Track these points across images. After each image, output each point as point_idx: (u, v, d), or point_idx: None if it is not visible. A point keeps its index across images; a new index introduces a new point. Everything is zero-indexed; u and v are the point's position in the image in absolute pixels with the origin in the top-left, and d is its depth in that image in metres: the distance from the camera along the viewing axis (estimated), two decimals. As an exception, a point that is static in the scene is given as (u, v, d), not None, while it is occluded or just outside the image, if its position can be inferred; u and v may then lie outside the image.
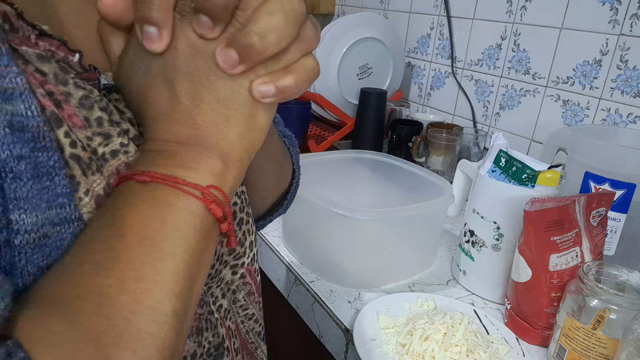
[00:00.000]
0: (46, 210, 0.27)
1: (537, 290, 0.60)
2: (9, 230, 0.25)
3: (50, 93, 0.28)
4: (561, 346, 0.55)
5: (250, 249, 0.43)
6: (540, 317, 0.60)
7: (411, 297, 0.66)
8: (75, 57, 0.30)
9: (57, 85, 0.29)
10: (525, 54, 1.07)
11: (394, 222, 0.73)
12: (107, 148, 0.31)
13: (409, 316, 0.63)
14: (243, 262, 0.42)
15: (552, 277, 0.59)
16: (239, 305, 0.44)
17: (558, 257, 0.58)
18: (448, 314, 0.61)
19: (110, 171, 0.31)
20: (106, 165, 0.31)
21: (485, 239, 0.68)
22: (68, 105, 0.29)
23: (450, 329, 0.57)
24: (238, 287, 0.43)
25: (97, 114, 0.31)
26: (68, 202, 0.28)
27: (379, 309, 0.64)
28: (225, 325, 0.42)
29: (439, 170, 1.05)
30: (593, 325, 0.52)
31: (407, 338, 0.57)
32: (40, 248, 0.26)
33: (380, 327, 0.61)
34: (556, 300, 0.59)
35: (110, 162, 0.31)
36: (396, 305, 0.65)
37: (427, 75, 1.37)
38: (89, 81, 0.31)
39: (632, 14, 0.86)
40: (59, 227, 0.27)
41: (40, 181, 0.26)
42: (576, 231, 0.58)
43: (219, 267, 0.40)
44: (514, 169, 0.64)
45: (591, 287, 0.53)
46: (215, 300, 0.41)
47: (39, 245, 0.26)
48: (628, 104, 0.89)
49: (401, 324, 0.61)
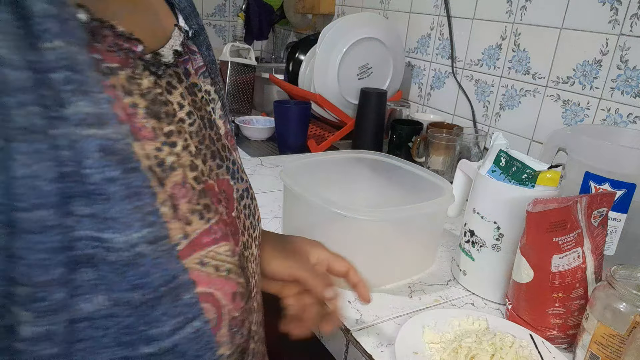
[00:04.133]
0: (140, 229, 0.28)
1: (539, 291, 0.60)
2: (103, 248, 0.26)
3: (123, 108, 0.29)
4: (593, 354, 0.54)
5: (259, 222, 0.45)
6: (542, 318, 0.60)
7: (461, 314, 0.64)
8: (139, 48, 0.31)
9: (124, 98, 0.30)
10: (525, 54, 1.07)
11: (394, 222, 0.73)
12: (173, 157, 0.32)
13: (457, 333, 0.60)
14: (257, 234, 0.45)
15: (554, 278, 0.58)
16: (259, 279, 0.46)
17: (560, 258, 0.58)
18: (498, 335, 0.58)
19: (174, 182, 0.32)
20: (171, 175, 0.32)
21: (485, 239, 0.68)
22: (136, 117, 0.30)
23: (499, 351, 0.55)
24: (258, 259, 0.45)
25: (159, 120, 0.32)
26: (157, 220, 0.29)
27: (425, 322, 0.61)
28: (257, 299, 0.44)
29: (439, 170, 1.05)
30: (629, 332, 0.50)
31: (451, 355, 0.55)
32: (135, 266, 0.27)
33: (424, 341, 0.58)
34: (558, 301, 0.59)
35: (177, 170, 0.32)
36: (444, 320, 0.62)
37: (427, 75, 1.37)
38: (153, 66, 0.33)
39: (632, 14, 0.86)
40: (153, 245, 0.29)
41: (130, 201, 0.27)
42: (578, 232, 0.58)
43: (250, 240, 0.42)
44: (514, 169, 0.64)
45: (622, 292, 0.51)
46: (254, 274, 0.42)
47: (134, 264, 0.27)
48: (628, 104, 0.89)
49: (447, 340, 0.58)
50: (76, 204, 0.25)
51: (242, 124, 1.36)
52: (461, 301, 0.69)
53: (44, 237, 0.24)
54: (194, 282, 0.31)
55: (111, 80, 0.29)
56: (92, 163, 0.26)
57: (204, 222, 0.33)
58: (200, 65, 0.41)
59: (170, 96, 0.35)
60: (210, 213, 0.34)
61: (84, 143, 0.25)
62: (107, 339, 0.27)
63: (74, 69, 0.25)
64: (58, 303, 0.25)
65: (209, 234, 0.34)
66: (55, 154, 0.24)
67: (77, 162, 0.25)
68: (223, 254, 0.35)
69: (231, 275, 0.35)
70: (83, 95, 0.25)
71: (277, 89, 1.48)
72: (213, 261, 0.33)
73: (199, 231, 0.32)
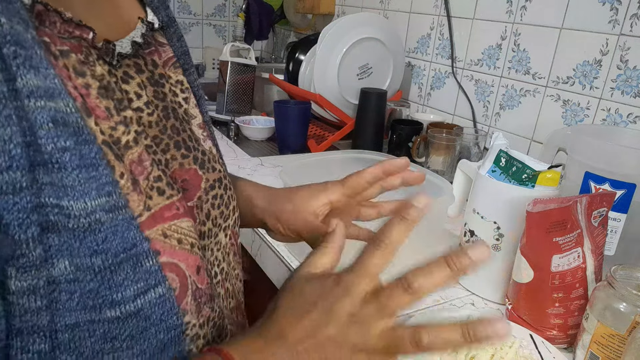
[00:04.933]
0: (96, 197, 0.29)
1: (539, 292, 0.60)
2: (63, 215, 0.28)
3: (75, 87, 0.31)
4: (593, 354, 0.54)
5: (234, 213, 0.46)
6: (542, 318, 0.60)
7: (461, 314, 0.64)
8: (90, 35, 0.33)
9: (77, 79, 0.32)
10: (525, 54, 1.07)
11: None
12: (129, 136, 0.34)
13: None
14: (229, 224, 0.45)
15: (554, 278, 0.58)
16: (231, 267, 0.46)
17: (560, 258, 0.58)
18: None
19: (131, 159, 0.34)
20: (128, 153, 0.34)
21: (485, 239, 0.68)
22: (89, 98, 0.32)
23: (499, 351, 0.55)
24: (229, 249, 0.46)
25: (112, 104, 0.34)
26: (114, 190, 0.30)
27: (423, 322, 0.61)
28: (225, 286, 0.44)
29: (439, 170, 1.05)
30: (629, 332, 0.50)
31: (451, 355, 0.55)
32: (94, 233, 0.29)
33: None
34: (558, 301, 0.59)
35: (133, 149, 0.34)
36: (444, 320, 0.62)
37: (427, 75, 1.37)
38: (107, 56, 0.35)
39: (632, 14, 0.86)
40: (111, 214, 0.30)
41: (86, 171, 0.29)
42: (578, 232, 0.58)
43: (215, 229, 0.42)
44: (514, 169, 0.64)
45: (623, 293, 0.51)
46: (219, 263, 0.43)
47: (92, 230, 0.29)
48: (628, 104, 0.89)
49: None
50: (38, 172, 0.27)
51: (242, 124, 1.36)
52: (461, 301, 0.69)
53: (17, 198, 0.26)
54: (158, 251, 0.33)
55: (62, 61, 0.31)
56: (45, 133, 0.27)
57: (164, 198, 0.35)
58: (170, 56, 0.42)
59: (127, 85, 0.36)
60: (172, 191, 0.36)
61: (36, 114, 0.27)
62: (73, 303, 0.28)
63: (22, 45, 0.27)
64: (37, 259, 0.27)
65: (171, 209, 0.35)
66: (19, 122, 0.26)
67: (33, 133, 0.27)
68: (186, 229, 0.36)
69: (195, 249, 0.36)
70: (32, 69, 0.27)
71: (277, 89, 1.48)
72: (176, 234, 0.35)
73: (161, 205, 0.34)
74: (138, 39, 0.38)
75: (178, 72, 0.43)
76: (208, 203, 0.41)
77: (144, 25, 0.40)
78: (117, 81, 0.35)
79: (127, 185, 0.32)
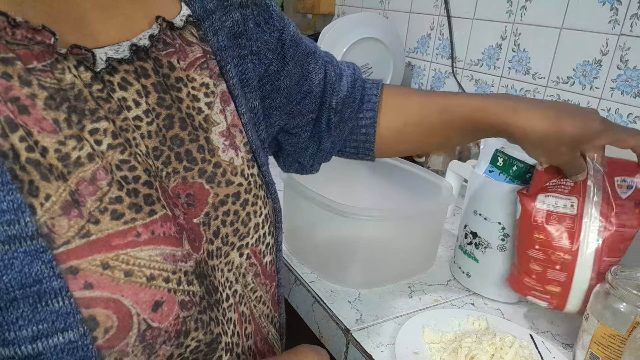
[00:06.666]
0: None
1: (522, 230, 0.59)
2: None
3: (15, 99, 0.28)
4: (593, 354, 0.54)
5: (256, 230, 0.42)
6: (523, 262, 0.59)
7: (461, 314, 0.64)
8: (52, 40, 0.30)
9: (22, 89, 0.29)
10: (526, 54, 1.07)
11: (394, 222, 0.73)
12: (82, 152, 0.30)
13: (457, 333, 0.60)
14: (247, 242, 0.42)
15: (537, 215, 0.57)
16: (250, 289, 0.43)
17: (545, 197, 0.57)
18: (498, 335, 0.58)
19: (80, 177, 0.30)
20: (78, 171, 0.30)
21: (490, 240, 0.67)
22: (35, 109, 0.29)
23: (499, 351, 0.55)
24: (246, 269, 0.42)
25: (64, 116, 0.30)
26: (19, 218, 0.27)
27: (425, 322, 0.61)
28: (239, 310, 0.41)
29: (439, 170, 1.05)
30: (630, 333, 0.50)
31: (451, 355, 0.55)
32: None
33: (424, 341, 0.58)
34: (538, 243, 0.58)
35: (86, 166, 0.30)
36: (445, 320, 0.62)
37: (427, 75, 1.36)
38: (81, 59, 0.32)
39: (632, 14, 0.86)
40: (7, 245, 0.26)
41: None
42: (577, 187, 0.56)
43: (226, 248, 0.39)
44: (515, 168, 0.64)
45: (623, 293, 0.51)
46: (231, 285, 0.40)
47: None
48: (628, 104, 0.89)
49: (447, 341, 0.58)
50: None
51: (242, 124, 1.35)
52: (461, 301, 0.69)
53: None
54: (91, 284, 0.29)
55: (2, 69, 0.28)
56: None
57: (120, 223, 0.31)
58: (197, 56, 0.39)
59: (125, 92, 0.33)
60: (138, 214, 0.32)
61: None
62: None
63: None
64: None
65: (126, 236, 0.31)
66: None
67: None
68: (145, 259, 0.31)
69: (156, 282, 0.32)
70: None
71: (277, 89, 1.47)
72: (124, 265, 0.30)
73: (110, 232, 0.30)
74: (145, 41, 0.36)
75: (204, 74, 0.39)
76: (218, 220, 0.38)
77: (158, 26, 0.37)
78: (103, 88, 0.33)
79: (54, 210, 0.28)
